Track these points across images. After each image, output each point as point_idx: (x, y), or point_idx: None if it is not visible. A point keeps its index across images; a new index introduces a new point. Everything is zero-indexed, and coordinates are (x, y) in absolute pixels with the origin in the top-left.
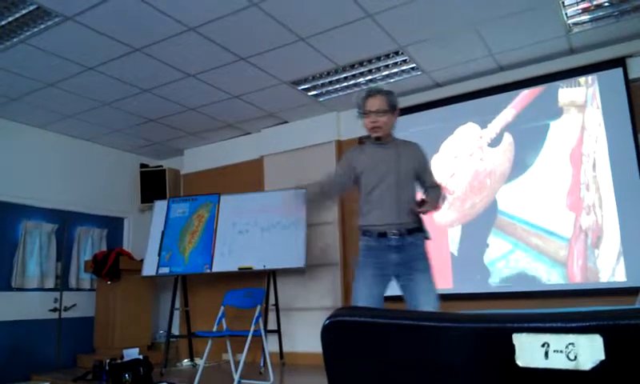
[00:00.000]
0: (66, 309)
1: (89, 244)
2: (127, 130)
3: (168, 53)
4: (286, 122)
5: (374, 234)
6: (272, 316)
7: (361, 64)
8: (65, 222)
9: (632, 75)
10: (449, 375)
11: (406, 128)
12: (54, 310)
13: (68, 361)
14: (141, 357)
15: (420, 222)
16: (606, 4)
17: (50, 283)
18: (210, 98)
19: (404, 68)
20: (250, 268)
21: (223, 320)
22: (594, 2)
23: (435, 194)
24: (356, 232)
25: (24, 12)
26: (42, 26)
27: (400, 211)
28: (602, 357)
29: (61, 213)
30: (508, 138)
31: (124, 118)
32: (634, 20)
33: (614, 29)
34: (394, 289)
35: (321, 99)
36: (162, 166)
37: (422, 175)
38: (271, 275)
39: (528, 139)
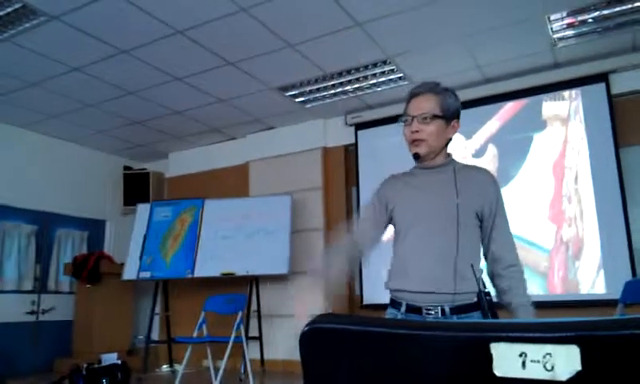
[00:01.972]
0: (43, 312)
1: (69, 246)
2: (111, 132)
3: (155, 55)
4: (273, 128)
5: (402, 307)
6: (253, 322)
7: (348, 72)
8: (45, 224)
9: (614, 90)
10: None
11: (392, 137)
12: (32, 312)
13: (45, 365)
14: (119, 362)
15: (480, 294)
16: (590, 20)
17: (28, 285)
18: (196, 102)
19: (391, 77)
20: (233, 274)
21: (204, 326)
22: (579, 18)
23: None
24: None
25: (9, 10)
26: (27, 25)
27: (448, 274)
28: (579, 367)
29: (41, 214)
30: (492, 150)
31: (108, 120)
32: (617, 37)
33: (597, 45)
34: (374, 296)
35: (308, 106)
36: (145, 169)
37: (487, 224)
38: (254, 281)
39: (512, 151)
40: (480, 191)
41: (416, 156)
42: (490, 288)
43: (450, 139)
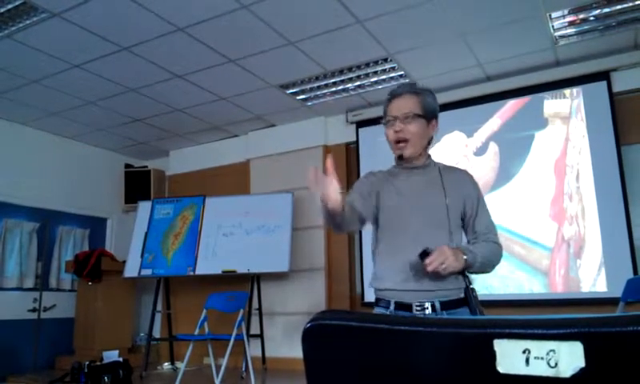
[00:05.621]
0: (45, 309)
1: (71, 244)
2: (112, 130)
3: (156, 53)
4: (274, 126)
5: (391, 305)
6: (255, 320)
7: (349, 69)
8: (46, 221)
9: (616, 89)
10: (430, 380)
11: None
12: (33, 310)
13: (46, 362)
14: (120, 359)
15: (468, 290)
16: (592, 18)
17: (30, 283)
18: (197, 100)
19: (392, 75)
20: (234, 271)
21: (205, 323)
22: (580, 16)
23: (478, 253)
24: (342, 237)
25: (10, 7)
26: (28, 22)
27: (437, 272)
28: (582, 364)
29: (43, 211)
30: (493, 148)
31: (109, 117)
32: (619, 35)
33: (599, 43)
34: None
35: (309, 104)
36: (146, 167)
37: (469, 219)
38: (255, 279)
39: (513, 149)
40: (463, 191)
41: (400, 158)
42: (474, 285)
43: (432, 139)
